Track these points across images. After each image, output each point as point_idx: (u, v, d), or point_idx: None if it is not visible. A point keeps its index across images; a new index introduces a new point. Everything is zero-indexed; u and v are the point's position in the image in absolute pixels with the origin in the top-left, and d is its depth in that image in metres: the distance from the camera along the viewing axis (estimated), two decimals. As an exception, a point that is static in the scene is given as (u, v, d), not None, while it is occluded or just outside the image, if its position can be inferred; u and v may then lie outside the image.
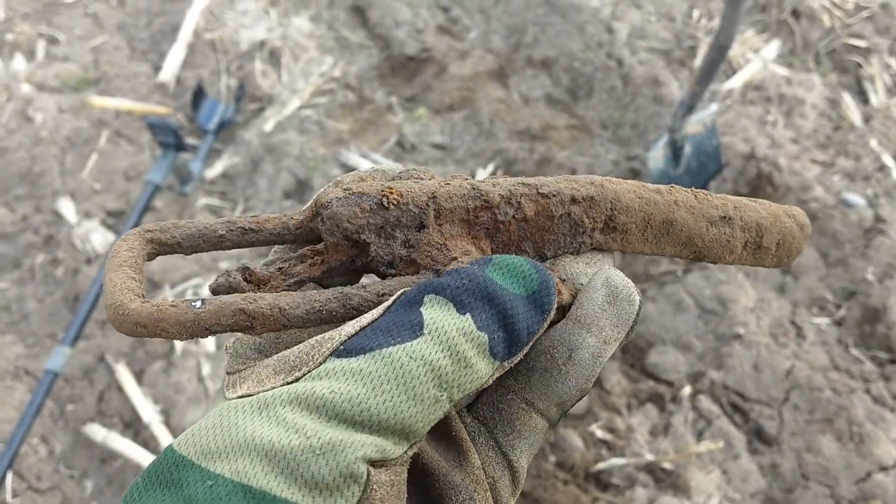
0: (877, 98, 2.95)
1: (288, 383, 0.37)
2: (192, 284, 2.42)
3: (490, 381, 0.39)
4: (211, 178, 2.70)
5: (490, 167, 2.75)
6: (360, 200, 0.42)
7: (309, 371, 0.37)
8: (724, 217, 0.50)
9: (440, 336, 0.37)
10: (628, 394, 2.23)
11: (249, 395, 0.38)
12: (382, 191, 0.43)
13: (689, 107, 2.42)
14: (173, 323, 0.38)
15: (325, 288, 0.44)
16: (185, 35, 3.09)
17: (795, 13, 3.15)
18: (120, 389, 2.24)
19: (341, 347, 0.37)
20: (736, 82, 2.96)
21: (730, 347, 2.29)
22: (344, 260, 0.44)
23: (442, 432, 0.42)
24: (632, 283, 0.45)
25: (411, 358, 0.36)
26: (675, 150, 2.54)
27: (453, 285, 0.39)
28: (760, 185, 2.59)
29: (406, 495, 0.37)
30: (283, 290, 0.43)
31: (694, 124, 2.54)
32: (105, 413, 2.22)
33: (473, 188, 0.45)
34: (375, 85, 3.05)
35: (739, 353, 2.27)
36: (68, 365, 2.16)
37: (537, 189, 0.46)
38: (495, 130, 2.85)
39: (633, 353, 2.32)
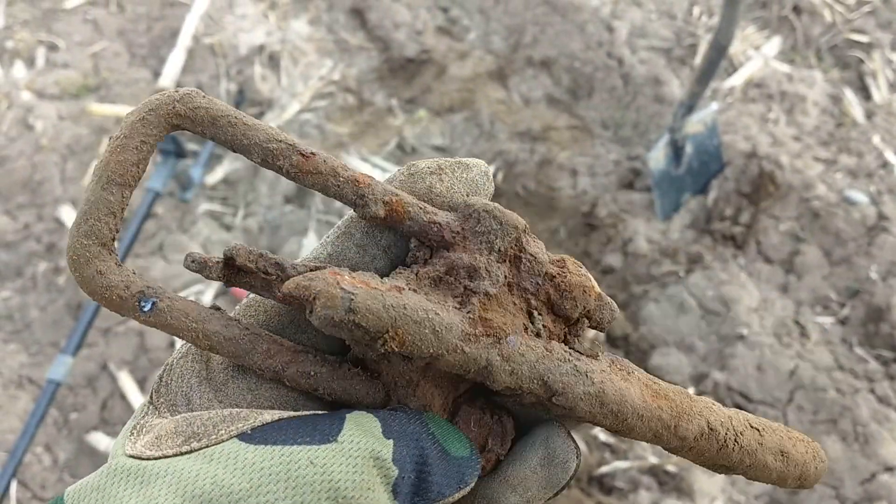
0: (879, 94, 2.93)
1: (182, 453, 0.35)
2: (193, 291, 2.42)
3: None
4: (212, 184, 2.70)
5: (491, 169, 2.74)
6: (354, 331, 0.37)
7: (208, 445, 0.35)
8: (727, 468, 0.47)
9: (352, 450, 0.35)
10: (631, 396, 2.22)
11: (143, 458, 0.36)
12: (385, 333, 0.37)
13: (690, 106, 2.41)
14: (110, 307, 0.38)
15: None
16: (184, 40, 3.08)
17: (796, 9, 3.13)
18: (123, 397, 2.25)
19: (247, 431, 0.35)
20: (737, 80, 2.95)
21: (733, 348, 2.28)
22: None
23: None
24: (573, 445, 0.42)
25: (311, 463, 0.34)
26: (676, 150, 2.53)
27: (390, 413, 0.38)
28: (762, 183, 2.58)
29: None
30: (252, 297, 0.42)
31: (695, 123, 2.53)
32: (108, 421, 2.23)
33: (486, 368, 0.40)
34: (375, 87, 3.05)
35: (743, 353, 2.26)
36: (71, 373, 2.17)
37: (552, 396, 0.42)
38: (496, 132, 2.84)
39: (636, 355, 2.31)
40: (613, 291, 2.44)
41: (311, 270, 0.39)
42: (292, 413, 0.37)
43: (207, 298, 2.43)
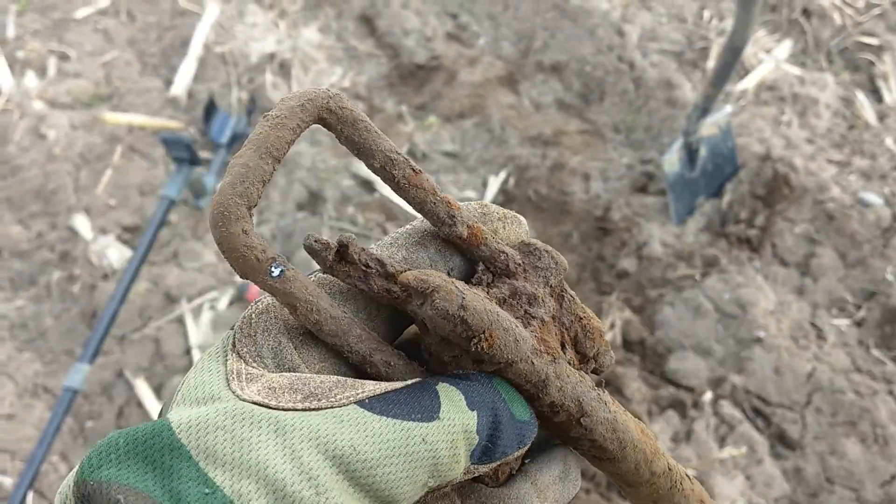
0: (890, 96, 2.93)
1: (308, 409, 0.36)
2: (208, 298, 2.42)
3: (455, 482, 0.40)
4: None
5: (502, 174, 2.74)
6: (458, 327, 0.41)
7: (330, 407, 0.37)
8: None
9: (451, 427, 0.38)
10: (649, 401, 2.21)
11: (265, 405, 0.36)
12: (482, 334, 0.41)
13: (704, 109, 2.41)
14: (244, 271, 0.41)
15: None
16: (195, 49, 3.09)
17: (806, 12, 3.13)
18: (139, 405, 2.24)
19: (366, 400, 0.37)
20: (749, 83, 2.94)
21: (750, 351, 2.27)
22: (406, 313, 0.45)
23: None
24: (579, 468, 0.47)
25: (424, 441, 0.37)
26: (690, 153, 2.53)
27: (466, 381, 0.41)
28: (777, 186, 2.58)
29: None
30: (350, 284, 0.44)
31: (708, 126, 2.53)
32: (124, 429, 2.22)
33: (544, 382, 0.44)
34: (385, 94, 3.05)
35: (760, 356, 2.25)
36: (87, 381, 2.16)
37: (580, 417, 0.46)
38: (507, 137, 2.84)
39: (653, 360, 2.30)
40: (628, 295, 2.44)
41: (407, 271, 0.43)
42: (393, 385, 0.39)
43: (222, 305, 2.43)
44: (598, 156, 2.80)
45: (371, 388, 0.38)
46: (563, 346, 0.46)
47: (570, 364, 0.47)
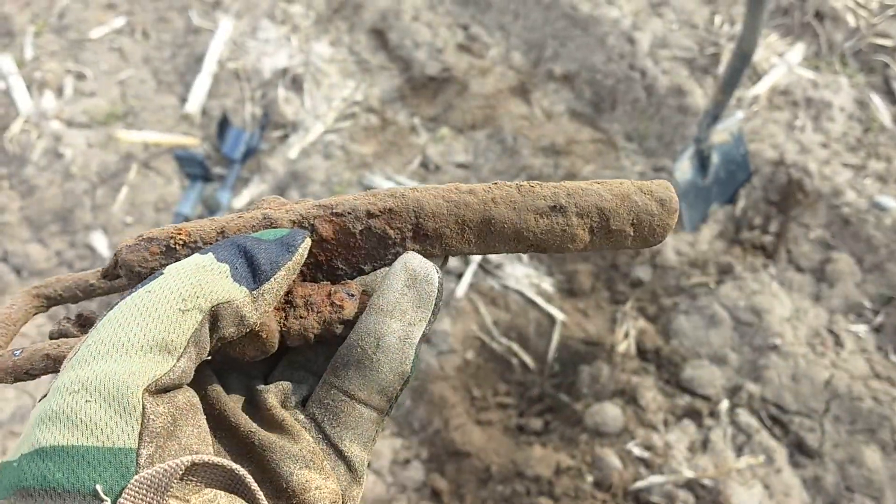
0: (906, 97, 2.90)
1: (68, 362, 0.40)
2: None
3: (248, 308, 0.42)
4: (239, 208, 2.73)
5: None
6: (150, 245, 0.46)
7: (81, 345, 0.40)
8: (555, 206, 0.49)
9: (178, 271, 0.41)
10: (665, 410, 2.20)
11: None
12: (171, 233, 0.46)
13: (715, 115, 2.40)
14: None
15: None
16: (209, 66, 3.12)
17: (819, 15, 3.11)
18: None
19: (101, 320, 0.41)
20: (761, 88, 2.93)
21: (767, 359, 2.25)
22: None
23: (273, 426, 0.45)
24: (431, 264, 0.47)
25: (148, 291, 0.40)
26: (702, 160, 2.52)
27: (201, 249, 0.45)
28: (791, 191, 2.56)
29: (207, 437, 0.40)
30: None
31: (720, 133, 2.52)
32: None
33: (264, 217, 0.47)
34: (398, 107, 3.06)
35: (777, 364, 2.24)
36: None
37: (332, 209, 0.47)
38: (519, 147, 2.84)
39: (668, 369, 2.29)
40: (643, 304, 2.43)
41: None
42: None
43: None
44: (611, 164, 2.79)
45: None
46: None
47: None
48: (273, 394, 0.46)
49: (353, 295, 0.47)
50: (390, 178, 2.77)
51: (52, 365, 0.46)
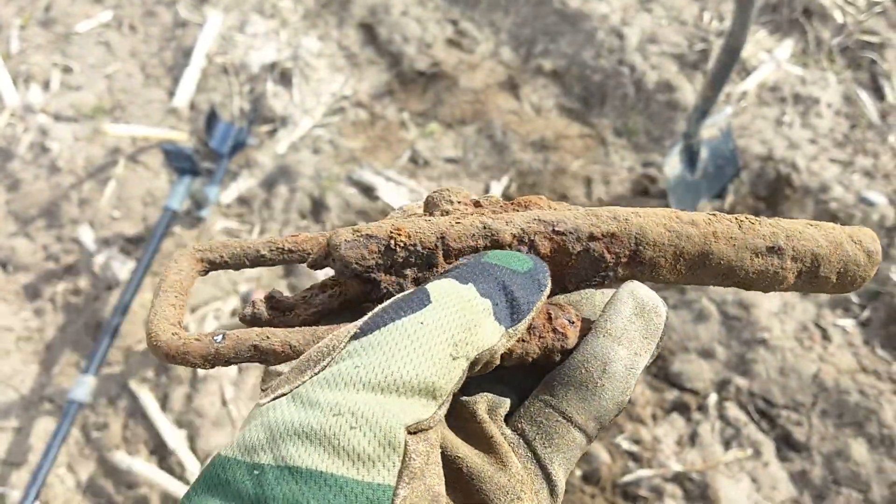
0: (893, 94, 2.92)
1: (315, 375, 0.39)
2: (212, 308, 2.43)
3: (501, 348, 0.41)
4: (227, 203, 2.72)
5: (504, 179, 2.74)
6: (369, 243, 0.44)
7: (332, 359, 0.39)
8: (773, 248, 0.47)
9: (446, 302, 0.39)
10: (653, 404, 2.21)
11: (282, 395, 0.39)
12: (391, 233, 0.44)
13: (703, 111, 2.40)
14: (197, 356, 0.44)
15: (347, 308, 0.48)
16: (197, 60, 3.11)
17: (807, 12, 3.12)
18: (144, 416, 2.25)
19: (357, 331, 0.39)
20: (750, 84, 2.94)
21: (755, 353, 2.26)
22: (359, 293, 0.46)
23: (481, 441, 0.43)
24: (656, 294, 0.46)
25: (422, 324, 0.38)
26: (691, 156, 2.52)
27: (455, 269, 0.42)
28: (779, 187, 2.57)
29: (443, 478, 0.38)
30: (305, 318, 0.47)
31: (709, 128, 2.53)
32: (130, 440, 2.23)
33: (484, 227, 0.45)
34: (386, 101, 3.06)
35: (765, 358, 2.25)
36: (92, 393, 2.17)
37: (553, 227, 0.46)
38: (508, 142, 2.84)
39: (657, 363, 2.29)
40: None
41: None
42: (380, 306, 0.41)
43: (226, 315, 2.44)
44: (600, 160, 2.80)
45: (363, 318, 0.41)
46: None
47: None
48: (482, 405, 0.45)
49: (573, 322, 0.46)
50: (379, 174, 2.76)
51: (259, 356, 0.44)
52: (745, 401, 2.21)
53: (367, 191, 2.72)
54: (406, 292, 0.41)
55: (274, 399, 0.39)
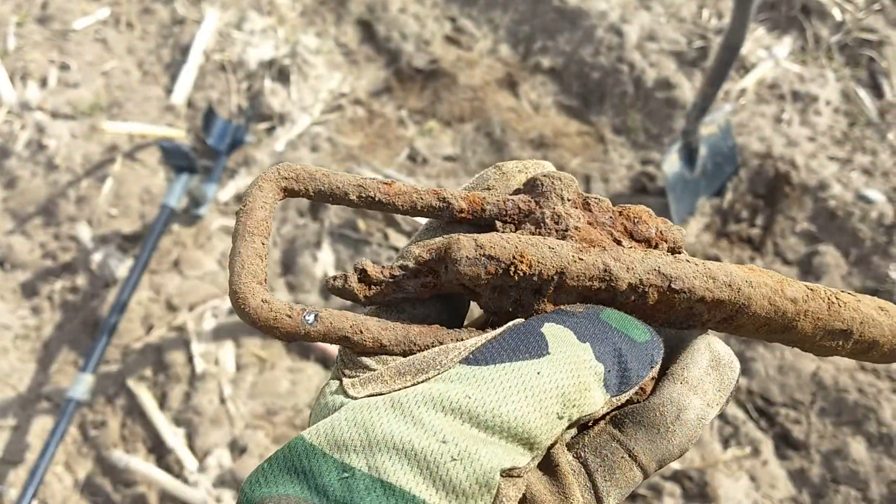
0: (892, 91, 2.92)
1: (416, 384, 0.39)
2: (210, 306, 2.42)
3: (600, 413, 0.41)
4: (225, 200, 2.71)
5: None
6: (489, 264, 0.42)
7: (437, 374, 0.39)
8: (846, 331, 0.48)
9: (565, 358, 0.39)
10: (652, 402, 2.20)
11: (379, 394, 0.39)
12: (513, 257, 0.43)
13: (702, 108, 2.40)
14: (284, 333, 0.43)
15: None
16: (194, 57, 3.10)
17: (805, 9, 3.12)
18: (142, 414, 2.25)
19: (470, 356, 0.39)
20: (748, 81, 2.93)
21: (753, 351, 2.26)
22: (455, 291, 0.46)
23: (547, 466, 0.43)
24: (731, 350, 0.46)
25: (539, 374, 0.38)
26: (689, 153, 2.52)
27: (572, 319, 0.42)
28: (778, 184, 2.57)
29: None
30: (392, 300, 0.46)
31: (708, 126, 2.52)
32: (128, 439, 2.23)
33: (605, 270, 0.44)
34: (385, 99, 3.05)
35: (763, 356, 2.24)
36: (90, 391, 2.17)
37: (670, 282, 0.45)
38: (507, 140, 2.84)
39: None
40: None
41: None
42: (491, 333, 0.41)
43: (224, 313, 2.43)
44: (598, 157, 2.79)
45: (473, 342, 0.40)
46: (618, 242, 0.46)
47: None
48: None
49: (653, 377, 0.46)
50: (377, 171, 2.76)
51: (348, 346, 0.43)
52: (744, 399, 2.21)
53: (366, 188, 2.71)
54: (519, 326, 0.41)
55: (369, 396, 0.39)
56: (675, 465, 2.07)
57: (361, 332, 0.43)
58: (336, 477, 0.35)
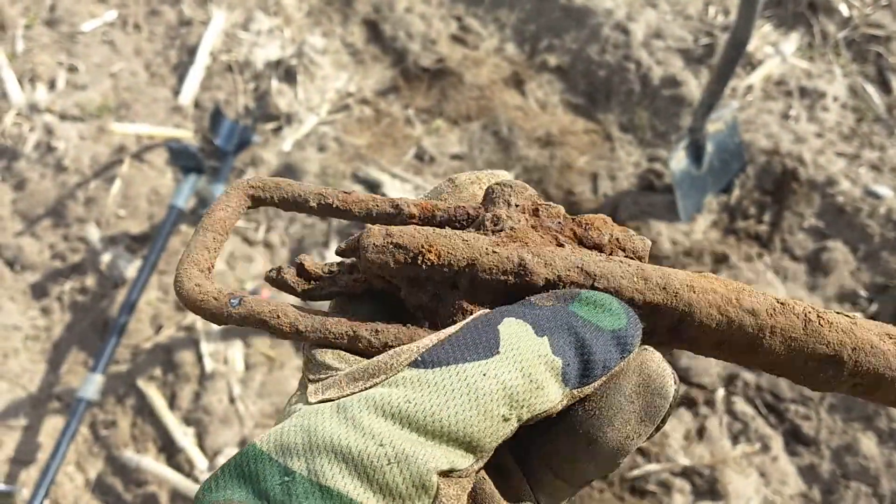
0: (900, 87, 2.91)
1: (365, 389, 0.39)
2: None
3: (559, 408, 0.39)
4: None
5: (511, 176, 2.74)
6: (396, 252, 0.43)
7: (386, 378, 0.38)
8: (833, 358, 0.41)
9: (515, 356, 0.37)
10: (661, 399, 2.20)
11: (330, 400, 0.39)
12: (422, 247, 0.42)
13: (709, 105, 2.40)
14: (209, 314, 0.45)
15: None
16: (202, 58, 3.11)
17: (812, 5, 3.11)
18: (152, 413, 2.26)
19: (418, 358, 0.38)
20: (756, 78, 2.93)
21: (762, 347, 2.25)
22: (384, 286, 0.46)
23: (497, 466, 0.41)
24: (670, 373, 0.41)
25: (484, 375, 0.37)
26: (696, 150, 2.52)
27: (534, 312, 0.40)
28: (785, 180, 2.56)
29: None
30: (327, 294, 0.47)
31: (715, 122, 2.52)
32: (139, 438, 2.24)
33: (520, 265, 0.42)
34: (391, 98, 3.05)
35: (772, 352, 2.24)
36: (100, 391, 2.18)
37: (593, 281, 0.42)
38: (514, 138, 2.84)
39: (664, 357, 2.29)
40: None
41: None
42: (446, 332, 0.40)
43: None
44: (605, 155, 2.79)
45: (426, 342, 0.39)
46: (560, 246, 0.44)
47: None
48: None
49: None
50: (385, 171, 2.76)
51: (267, 331, 0.45)
52: (753, 395, 2.20)
53: (373, 188, 2.72)
54: (477, 322, 0.39)
55: (322, 402, 0.39)
56: (685, 462, 2.07)
57: (279, 317, 0.44)
58: (278, 481, 0.35)
